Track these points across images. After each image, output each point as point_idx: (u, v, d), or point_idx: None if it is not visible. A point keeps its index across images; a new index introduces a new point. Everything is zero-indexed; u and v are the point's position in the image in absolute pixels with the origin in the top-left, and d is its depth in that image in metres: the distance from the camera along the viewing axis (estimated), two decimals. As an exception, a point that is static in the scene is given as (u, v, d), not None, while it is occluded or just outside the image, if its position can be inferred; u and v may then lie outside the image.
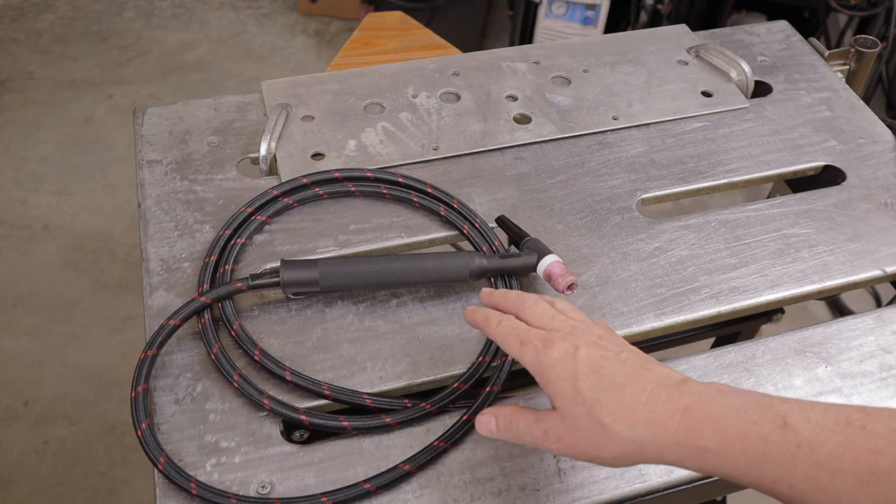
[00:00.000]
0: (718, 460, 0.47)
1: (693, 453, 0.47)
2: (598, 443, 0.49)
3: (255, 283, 0.68)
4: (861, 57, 0.98)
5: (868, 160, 0.87)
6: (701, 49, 0.98)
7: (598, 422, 0.49)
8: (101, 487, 1.58)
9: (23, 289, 1.89)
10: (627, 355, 0.52)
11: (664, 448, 0.48)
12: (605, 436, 0.49)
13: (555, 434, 0.51)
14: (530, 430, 0.53)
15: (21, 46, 2.56)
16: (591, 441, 0.50)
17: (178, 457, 0.61)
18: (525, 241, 0.73)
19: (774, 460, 0.45)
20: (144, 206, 0.78)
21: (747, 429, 0.46)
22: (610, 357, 0.52)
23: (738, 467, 0.46)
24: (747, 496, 0.97)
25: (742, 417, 0.47)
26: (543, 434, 0.52)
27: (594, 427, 0.49)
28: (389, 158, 0.84)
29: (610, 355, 0.52)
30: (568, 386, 0.51)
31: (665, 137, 0.89)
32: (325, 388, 0.64)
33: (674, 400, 0.49)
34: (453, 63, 0.96)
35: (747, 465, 0.46)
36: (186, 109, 0.89)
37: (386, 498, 0.60)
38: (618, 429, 0.49)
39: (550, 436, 0.51)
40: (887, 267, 0.77)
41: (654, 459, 0.49)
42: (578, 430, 0.50)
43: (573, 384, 0.50)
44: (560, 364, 0.51)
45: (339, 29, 2.69)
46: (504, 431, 0.55)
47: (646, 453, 0.49)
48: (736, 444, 0.46)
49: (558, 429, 0.51)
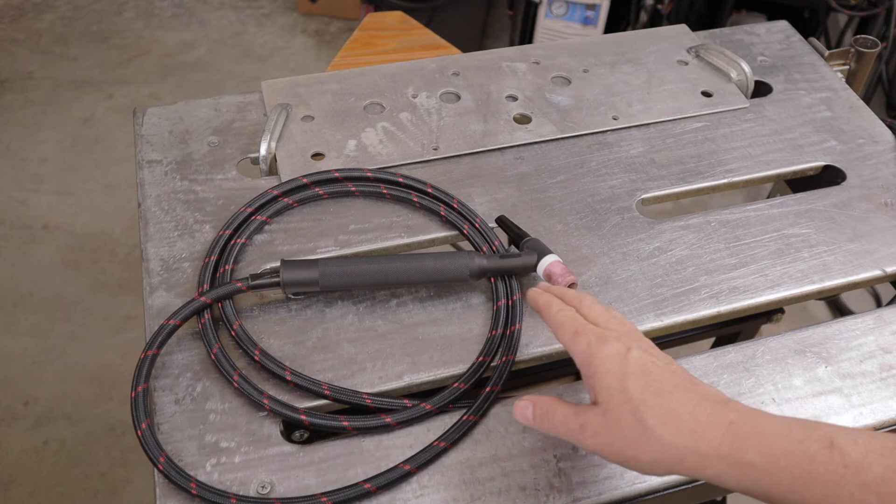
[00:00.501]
0: (761, 476, 0.46)
1: (735, 468, 0.47)
2: (637, 444, 0.49)
3: (255, 283, 0.68)
4: (861, 57, 0.98)
5: (868, 160, 0.87)
6: (701, 49, 0.98)
7: (641, 422, 0.48)
8: (101, 487, 1.58)
9: (23, 289, 1.89)
10: (675, 368, 0.52)
11: (705, 459, 0.47)
12: (646, 438, 0.48)
13: (592, 429, 0.51)
14: (567, 421, 0.52)
15: (21, 46, 2.56)
16: (630, 441, 0.49)
17: (178, 457, 0.61)
18: (525, 241, 0.73)
19: (820, 480, 0.44)
20: (144, 206, 0.78)
21: (793, 447, 0.46)
22: (660, 366, 0.52)
23: (782, 485, 0.45)
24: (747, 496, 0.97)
25: (788, 435, 0.46)
26: (580, 427, 0.51)
27: (636, 427, 0.49)
28: (389, 158, 0.84)
29: (660, 364, 0.52)
30: (615, 382, 0.50)
31: (665, 137, 0.89)
32: (325, 388, 0.64)
33: (719, 413, 0.48)
34: (453, 63, 0.96)
35: (791, 484, 0.45)
36: (186, 109, 0.89)
37: (386, 498, 0.60)
38: (660, 432, 0.48)
39: (587, 430, 0.51)
40: (887, 267, 0.77)
41: (691, 471, 0.48)
42: (618, 428, 0.49)
43: (621, 382, 0.50)
44: (611, 361, 0.51)
45: (339, 29, 2.69)
46: (539, 420, 0.54)
47: (684, 463, 0.48)
48: (781, 460, 0.45)
49: (597, 424, 0.50)
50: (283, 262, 0.68)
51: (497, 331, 0.68)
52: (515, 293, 0.70)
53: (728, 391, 0.68)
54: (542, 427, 0.55)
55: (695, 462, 0.48)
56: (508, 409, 0.65)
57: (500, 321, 0.69)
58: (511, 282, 0.71)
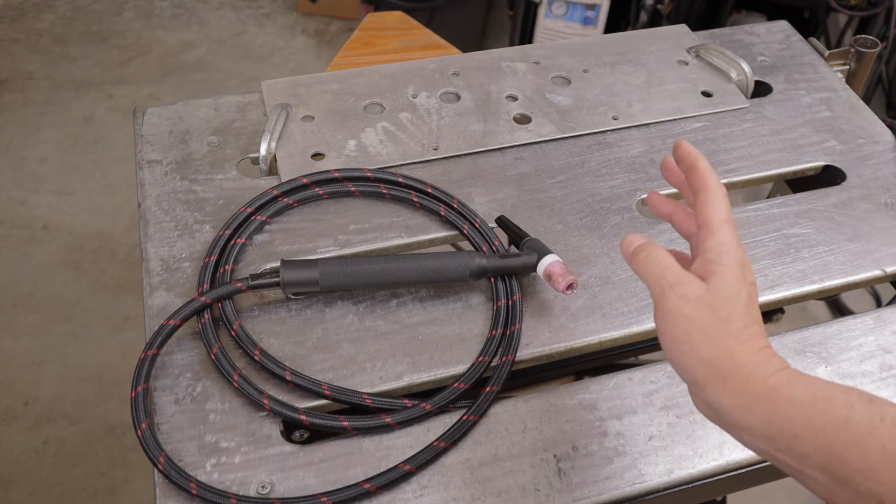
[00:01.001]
0: (797, 413, 0.46)
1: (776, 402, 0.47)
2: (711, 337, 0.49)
3: (255, 283, 0.68)
4: (861, 57, 0.98)
5: (868, 160, 0.87)
6: (701, 49, 0.98)
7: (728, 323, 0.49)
8: (101, 487, 1.58)
9: (23, 289, 1.89)
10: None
11: (752, 384, 0.48)
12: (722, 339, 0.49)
13: (683, 291, 0.50)
14: (665, 271, 0.52)
15: (21, 46, 2.56)
16: (707, 329, 0.49)
17: (178, 457, 0.61)
18: (525, 241, 0.73)
19: (855, 426, 0.44)
20: (144, 206, 0.78)
21: (834, 393, 0.46)
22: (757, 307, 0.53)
23: (815, 425, 0.46)
24: (747, 496, 0.97)
25: (831, 385, 0.47)
26: (675, 283, 0.51)
27: (722, 323, 0.49)
28: (389, 158, 0.84)
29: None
30: (734, 281, 0.50)
31: (665, 137, 0.89)
32: (325, 388, 0.64)
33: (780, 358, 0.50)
34: (453, 63, 0.96)
35: (824, 425, 0.45)
36: (186, 109, 0.89)
37: (386, 498, 0.60)
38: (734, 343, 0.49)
39: (678, 289, 0.50)
40: (887, 267, 0.77)
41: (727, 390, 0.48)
42: (708, 312, 0.50)
43: (737, 287, 0.50)
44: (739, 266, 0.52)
45: (339, 29, 2.69)
46: (635, 254, 0.54)
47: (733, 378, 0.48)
48: (821, 403, 0.46)
49: (692, 291, 0.50)
50: (283, 262, 0.68)
51: (497, 331, 0.68)
52: (515, 293, 0.70)
53: (728, 391, 0.68)
54: (635, 262, 0.54)
55: (739, 383, 0.48)
56: (509, 409, 0.66)
57: (500, 321, 0.69)
58: (511, 282, 0.71)
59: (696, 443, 0.64)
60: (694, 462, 0.63)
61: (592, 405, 0.66)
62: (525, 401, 0.66)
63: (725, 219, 0.53)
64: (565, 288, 0.67)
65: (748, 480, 0.66)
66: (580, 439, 0.64)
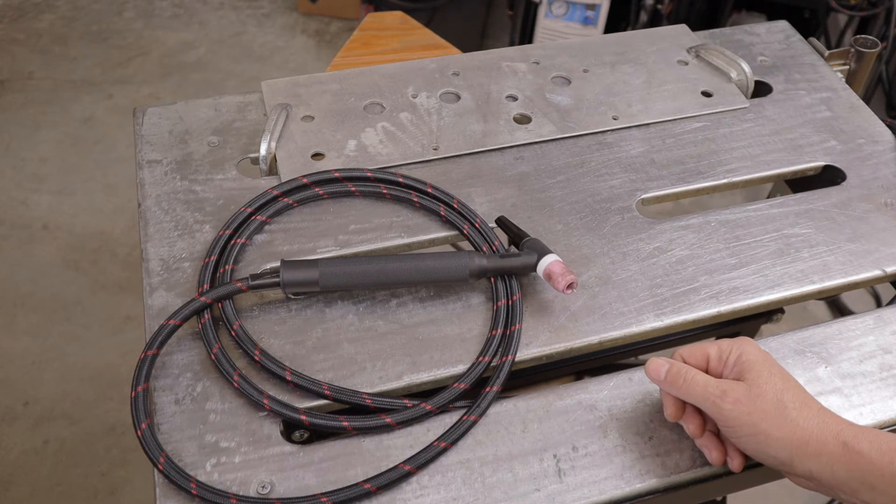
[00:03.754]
0: (868, 467, 0.53)
1: (848, 455, 0.54)
2: (774, 420, 0.56)
3: (256, 283, 0.68)
4: (861, 57, 0.98)
5: (868, 160, 0.87)
6: (701, 49, 0.98)
7: (782, 402, 0.56)
8: (101, 487, 1.58)
9: (23, 289, 1.89)
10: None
11: (825, 445, 0.55)
12: (783, 417, 0.56)
13: (734, 396, 0.57)
14: (708, 386, 0.59)
15: (21, 46, 2.56)
16: (768, 416, 0.56)
17: (178, 457, 0.61)
18: (525, 241, 0.73)
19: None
20: (144, 206, 0.78)
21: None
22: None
23: (884, 477, 0.53)
24: (747, 496, 0.97)
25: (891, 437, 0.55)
26: (722, 393, 0.57)
27: (776, 405, 0.56)
28: (389, 158, 0.84)
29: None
30: (763, 368, 0.58)
31: (665, 137, 0.89)
32: (326, 388, 0.64)
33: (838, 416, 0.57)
34: (453, 63, 0.96)
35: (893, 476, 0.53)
36: (186, 109, 0.89)
37: (386, 498, 0.60)
38: (795, 415, 0.56)
39: (729, 396, 0.57)
40: (887, 267, 0.77)
41: (810, 456, 0.55)
42: (760, 402, 0.57)
43: (769, 370, 0.58)
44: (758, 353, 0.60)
45: (339, 29, 2.69)
46: (673, 379, 0.60)
47: (807, 446, 0.55)
48: (887, 455, 0.53)
49: (740, 394, 0.57)
50: (283, 262, 0.68)
51: (497, 331, 0.68)
52: (515, 293, 0.70)
53: (728, 391, 0.68)
54: (674, 387, 0.60)
55: (816, 446, 0.55)
56: (508, 409, 0.66)
57: (500, 321, 0.69)
58: (511, 282, 0.71)
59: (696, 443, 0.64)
60: (694, 462, 0.63)
61: (592, 405, 0.66)
62: (525, 401, 0.66)
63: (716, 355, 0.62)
64: (565, 287, 0.67)
65: (748, 480, 0.66)
66: (580, 439, 0.64)
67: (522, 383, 0.82)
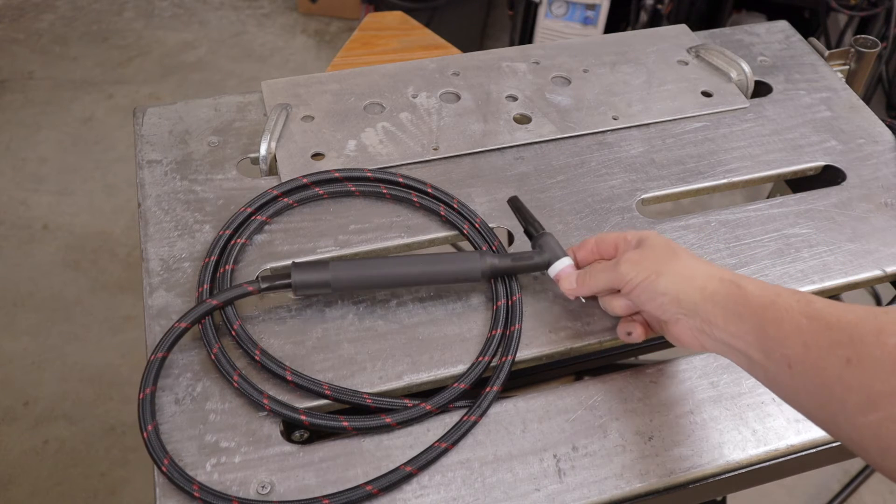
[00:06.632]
0: (742, 298, 0.56)
1: (729, 287, 0.57)
2: (665, 258, 0.61)
3: (267, 285, 0.67)
4: (861, 57, 0.98)
5: (868, 160, 0.87)
6: (701, 49, 0.98)
7: (673, 248, 0.62)
8: (101, 487, 1.58)
9: (23, 289, 1.89)
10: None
11: (710, 278, 0.59)
12: (674, 255, 0.61)
13: (626, 257, 0.63)
14: (606, 267, 0.64)
15: (21, 46, 2.56)
16: (660, 257, 0.61)
17: (178, 457, 0.61)
18: (538, 240, 0.72)
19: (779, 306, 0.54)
20: (144, 206, 0.78)
21: (782, 290, 0.56)
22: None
23: (751, 306, 0.55)
24: (747, 496, 0.97)
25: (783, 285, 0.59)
26: (616, 262, 0.63)
27: (668, 249, 0.62)
28: (389, 158, 0.84)
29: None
30: (660, 238, 0.64)
31: (665, 137, 0.89)
32: (326, 388, 0.64)
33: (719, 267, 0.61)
34: (453, 63, 0.96)
35: (756, 306, 0.55)
36: (186, 109, 0.89)
37: (386, 498, 0.60)
38: (685, 257, 0.61)
39: (622, 258, 0.63)
40: (887, 267, 0.77)
41: (696, 288, 0.59)
42: (651, 251, 0.62)
43: (665, 239, 0.64)
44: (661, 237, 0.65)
45: (339, 29, 2.69)
46: (582, 282, 0.66)
47: (694, 280, 0.59)
48: (761, 290, 0.56)
49: (632, 254, 0.63)
50: (294, 264, 0.68)
51: (497, 331, 0.68)
52: (515, 293, 0.70)
53: (728, 391, 0.68)
54: (587, 287, 0.66)
55: (702, 281, 0.59)
56: (508, 409, 0.66)
57: (499, 321, 0.69)
58: (511, 282, 0.71)
59: (695, 443, 0.64)
60: (694, 462, 0.63)
61: (592, 405, 0.66)
62: (525, 401, 0.66)
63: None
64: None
65: (748, 480, 0.66)
66: (580, 439, 0.64)
67: (522, 383, 0.82)
